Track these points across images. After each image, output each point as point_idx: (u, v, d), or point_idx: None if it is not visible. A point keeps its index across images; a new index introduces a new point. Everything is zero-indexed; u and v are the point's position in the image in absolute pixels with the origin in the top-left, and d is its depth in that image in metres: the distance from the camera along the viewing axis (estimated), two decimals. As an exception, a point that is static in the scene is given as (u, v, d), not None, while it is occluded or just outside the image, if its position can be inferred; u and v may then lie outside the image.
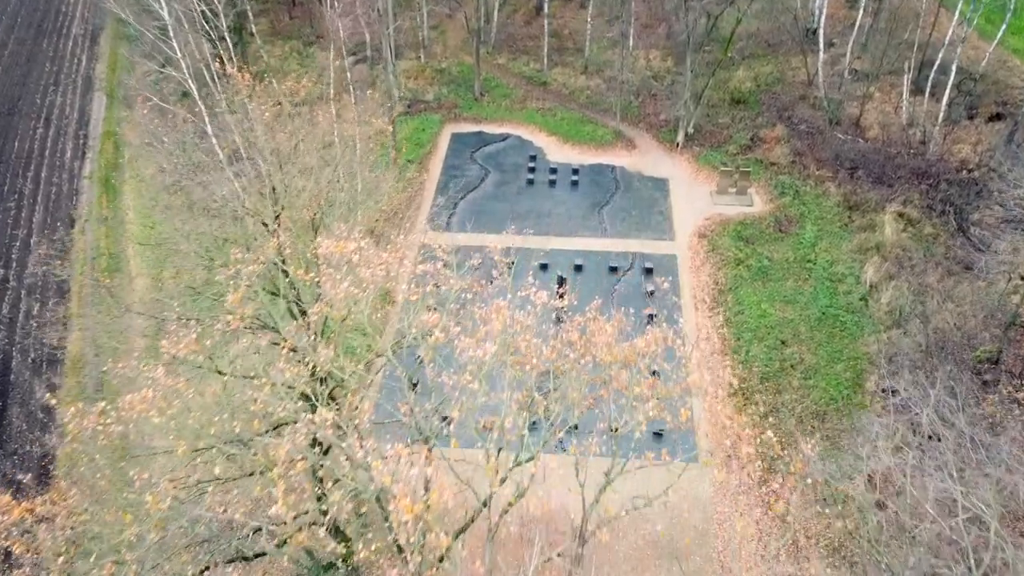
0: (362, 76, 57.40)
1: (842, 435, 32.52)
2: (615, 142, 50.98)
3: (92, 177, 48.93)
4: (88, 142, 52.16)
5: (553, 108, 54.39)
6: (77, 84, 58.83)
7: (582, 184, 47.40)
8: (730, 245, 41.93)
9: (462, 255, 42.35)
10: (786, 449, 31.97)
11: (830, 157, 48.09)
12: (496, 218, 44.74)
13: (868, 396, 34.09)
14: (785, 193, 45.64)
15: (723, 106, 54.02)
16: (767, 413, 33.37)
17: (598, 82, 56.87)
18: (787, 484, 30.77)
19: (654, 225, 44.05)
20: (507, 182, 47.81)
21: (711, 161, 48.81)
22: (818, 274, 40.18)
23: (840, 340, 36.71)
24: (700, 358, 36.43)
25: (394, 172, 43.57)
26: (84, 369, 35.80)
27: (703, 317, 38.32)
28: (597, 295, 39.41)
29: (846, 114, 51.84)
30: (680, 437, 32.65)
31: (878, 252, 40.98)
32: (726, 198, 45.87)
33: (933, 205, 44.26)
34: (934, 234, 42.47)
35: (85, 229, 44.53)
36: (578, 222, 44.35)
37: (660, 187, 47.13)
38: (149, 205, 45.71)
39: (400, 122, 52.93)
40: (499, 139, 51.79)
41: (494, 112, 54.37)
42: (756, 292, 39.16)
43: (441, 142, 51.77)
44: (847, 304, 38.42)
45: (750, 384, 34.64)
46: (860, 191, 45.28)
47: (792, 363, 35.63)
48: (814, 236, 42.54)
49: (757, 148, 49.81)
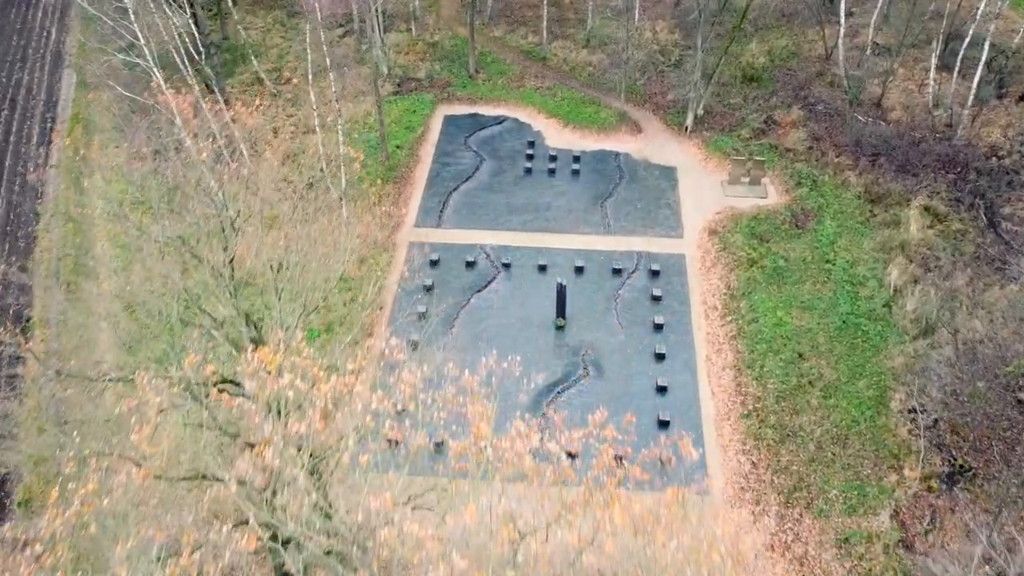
0: (348, 51, 53.70)
1: (865, 463, 30.02)
2: (619, 125, 47.59)
3: (59, 166, 45.72)
4: (55, 126, 48.78)
5: (553, 87, 50.84)
6: (46, 60, 55.13)
7: (584, 173, 44.19)
8: (743, 243, 38.94)
9: (454, 254, 39.58)
10: (804, 480, 29.49)
11: (850, 142, 44.78)
12: (491, 212, 41.67)
13: (893, 417, 31.49)
14: (802, 183, 42.46)
15: (735, 84, 50.45)
16: (783, 438, 30.80)
17: (601, 57, 53.15)
18: (805, 521, 28.35)
19: (661, 220, 40.99)
20: (503, 171, 44.59)
21: (722, 147, 45.50)
22: (838, 276, 37.28)
23: (862, 352, 34.00)
24: (711, 371, 33.80)
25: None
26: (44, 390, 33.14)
27: (714, 326, 35.54)
28: (599, 302, 36.83)
29: (867, 93, 48.32)
30: (690, 465, 30.10)
31: (902, 251, 38.02)
32: (738, 189, 42.71)
33: (961, 197, 41.16)
34: (962, 230, 39.46)
35: (51, 226, 41.52)
36: (579, 216, 41.28)
37: (667, 176, 43.93)
38: (119, 200, 42.61)
39: (389, 103, 49.46)
40: (495, 122, 48.39)
41: (490, 91, 50.84)
42: (771, 297, 36.31)
43: (433, 125, 48.38)
44: (869, 311, 35.60)
45: (765, 404, 32.02)
46: (882, 181, 42.09)
47: (810, 379, 32.96)
48: (833, 232, 39.52)
49: (771, 132, 46.45)
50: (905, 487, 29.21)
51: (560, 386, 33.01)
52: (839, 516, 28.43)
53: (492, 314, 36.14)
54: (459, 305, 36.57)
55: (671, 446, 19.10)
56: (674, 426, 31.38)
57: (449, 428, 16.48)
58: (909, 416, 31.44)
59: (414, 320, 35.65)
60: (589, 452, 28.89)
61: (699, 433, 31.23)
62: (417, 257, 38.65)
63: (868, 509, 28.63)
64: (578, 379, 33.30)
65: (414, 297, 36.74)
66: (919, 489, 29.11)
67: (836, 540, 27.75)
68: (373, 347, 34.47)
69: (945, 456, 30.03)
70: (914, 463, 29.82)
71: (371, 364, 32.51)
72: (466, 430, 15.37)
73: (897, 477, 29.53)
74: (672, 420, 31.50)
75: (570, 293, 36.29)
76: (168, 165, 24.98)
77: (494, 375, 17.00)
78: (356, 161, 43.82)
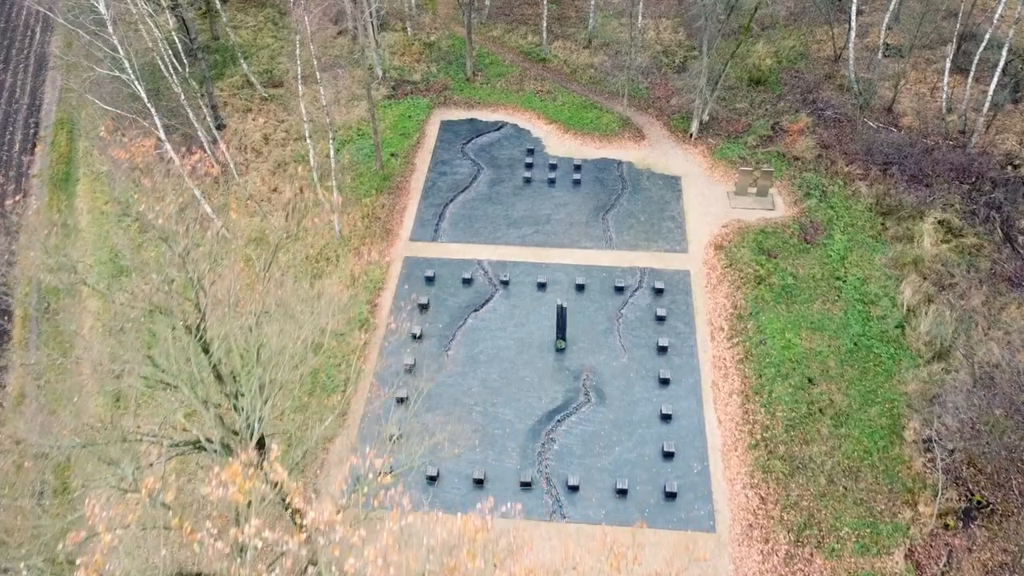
0: (342, 52, 52.07)
1: (878, 497, 28.78)
2: (621, 131, 46.04)
3: (43, 176, 44.24)
4: (39, 132, 47.26)
5: (553, 90, 49.22)
6: (30, 62, 53.51)
7: (585, 183, 42.70)
8: (750, 259, 37.52)
9: (450, 271, 38.13)
10: (815, 517, 28.27)
11: (860, 150, 43.25)
12: (489, 225, 40.22)
13: (907, 448, 30.22)
14: (810, 194, 40.98)
15: (740, 87, 48.84)
16: (793, 471, 29.54)
17: (603, 59, 51.53)
18: (816, 561, 27.14)
19: (665, 234, 39.55)
20: (502, 180, 43.09)
21: (728, 155, 43.98)
22: (849, 295, 35.91)
23: (874, 377, 32.69)
24: (717, 397, 32.51)
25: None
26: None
27: (721, 348, 34.21)
28: (601, 322, 35.36)
29: (877, 98, 46.72)
30: (696, 499, 28.92)
31: (916, 269, 36.62)
32: (745, 200, 41.24)
33: (976, 209, 39.69)
34: (977, 244, 38.02)
35: (32, 241, 40.07)
36: (580, 230, 39.83)
37: (672, 186, 42.43)
38: (104, 210, 41.19)
39: (384, 108, 47.91)
40: (493, 128, 46.83)
41: (488, 95, 49.23)
42: (780, 318, 34.96)
43: (429, 131, 46.83)
44: (881, 332, 34.25)
45: (774, 433, 30.74)
46: (894, 192, 40.61)
47: (821, 406, 31.67)
48: (843, 248, 38.10)
49: (779, 139, 44.91)
50: (920, 524, 27.99)
51: (560, 414, 31.70)
52: (851, 556, 27.23)
53: (490, 335, 34.80)
54: (455, 326, 35.22)
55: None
56: (679, 457, 30.14)
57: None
58: (924, 447, 30.20)
59: (408, 343, 34.37)
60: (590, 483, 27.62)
61: (704, 465, 30.00)
62: (411, 280, 37.27)
63: (881, 548, 27.42)
64: (579, 406, 31.99)
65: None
66: (935, 527, 27.89)
67: (849, 582, 26.56)
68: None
69: (962, 491, 28.77)
70: (929, 498, 28.59)
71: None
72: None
73: (912, 513, 28.30)
74: (677, 451, 30.24)
75: (571, 312, 34.97)
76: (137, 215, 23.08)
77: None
78: (348, 172, 42.43)
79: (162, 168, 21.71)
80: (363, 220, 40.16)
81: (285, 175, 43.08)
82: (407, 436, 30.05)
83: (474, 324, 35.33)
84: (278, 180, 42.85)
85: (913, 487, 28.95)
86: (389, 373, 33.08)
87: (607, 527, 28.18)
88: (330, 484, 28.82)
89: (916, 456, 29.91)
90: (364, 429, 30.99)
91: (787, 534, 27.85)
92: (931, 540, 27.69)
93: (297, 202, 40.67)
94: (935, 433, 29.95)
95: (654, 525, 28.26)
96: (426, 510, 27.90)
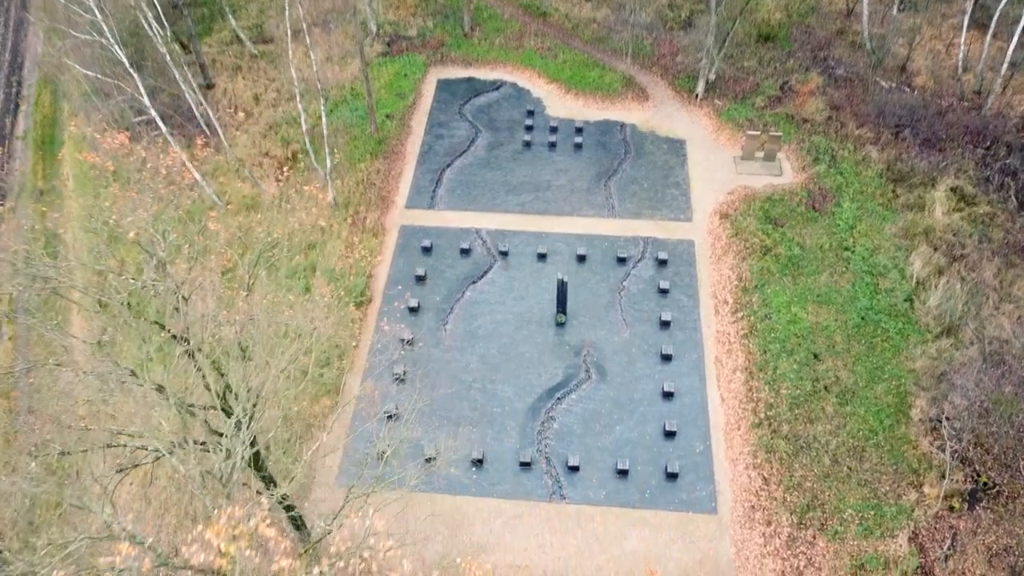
0: (335, 4, 50.06)
1: (883, 479, 28.34)
2: (625, 91, 44.42)
3: (26, 137, 42.81)
4: (22, 91, 45.64)
5: (554, 47, 47.37)
6: (11, 15, 51.44)
7: (587, 147, 41.32)
8: (756, 229, 36.46)
9: (448, 240, 37.11)
10: (819, 498, 27.86)
11: (872, 112, 41.75)
12: (488, 191, 39.02)
13: (913, 427, 29.68)
14: (819, 159, 39.66)
15: (749, 44, 47.00)
16: (797, 451, 29.04)
17: (606, 13, 49.54)
18: (819, 544, 26.81)
19: (669, 201, 38.39)
20: (501, 143, 41.70)
21: (735, 117, 42.48)
22: (857, 266, 34.96)
23: (881, 353, 31.97)
24: (720, 374, 31.86)
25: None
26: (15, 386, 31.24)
27: (725, 323, 33.41)
28: (602, 295, 34.50)
29: (891, 55, 44.98)
30: (698, 480, 28.50)
31: (926, 239, 35.62)
32: (752, 165, 39.95)
33: (990, 176, 38.45)
34: (990, 213, 36.92)
35: (16, 206, 38.96)
36: (582, 197, 38.64)
37: (676, 151, 41.07)
38: (92, 175, 39.90)
39: (378, 66, 46.17)
40: (492, 87, 45.19)
41: (486, 52, 47.41)
42: (785, 290, 34.08)
43: (425, 91, 45.20)
44: (890, 306, 33.42)
45: (778, 412, 30.15)
46: (906, 157, 39.30)
47: (826, 384, 31.02)
48: (852, 216, 36.99)
49: (788, 100, 43.33)
50: (925, 506, 27.60)
51: (560, 391, 31.07)
52: (854, 539, 26.89)
53: (488, 309, 33.97)
54: (453, 299, 34.37)
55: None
56: (681, 437, 29.63)
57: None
58: (930, 426, 29.65)
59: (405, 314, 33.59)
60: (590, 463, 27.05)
61: (707, 444, 29.50)
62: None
63: (885, 531, 27.07)
64: (580, 383, 31.35)
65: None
66: (940, 509, 27.50)
67: (851, 566, 26.27)
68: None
69: (968, 472, 28.31)
70: (935, 479, 28.15)
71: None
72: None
73: (916, 495, 27.88)
74: (679, 431, 29.70)
75: (572, 284, 34.10)
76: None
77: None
78: (342, 136, 41.01)
79: (138, 163, 20.45)
80: (358, 187, 38.94)
81: (277, 138, 41.66)
82: (403, 417, 29.56)
83: (472, 297, 34.46)
84: (270, 144, 41.44)
85: (919, 468, 28.49)
86: (386, 346, 32.34)
87: (607, 508, 27.82)
88: (327, 475, 28.36)
89: (922, 436, 29.38)
90: (361, 410, 30.37)
91: (790, 516, 27.48)
92: (935, 523, 27.33)
93: (289, 168, 39.43)
94: (941, 412, 29.38)
95: (654, 506, 27.88)
96: (424, 491, 27.62)
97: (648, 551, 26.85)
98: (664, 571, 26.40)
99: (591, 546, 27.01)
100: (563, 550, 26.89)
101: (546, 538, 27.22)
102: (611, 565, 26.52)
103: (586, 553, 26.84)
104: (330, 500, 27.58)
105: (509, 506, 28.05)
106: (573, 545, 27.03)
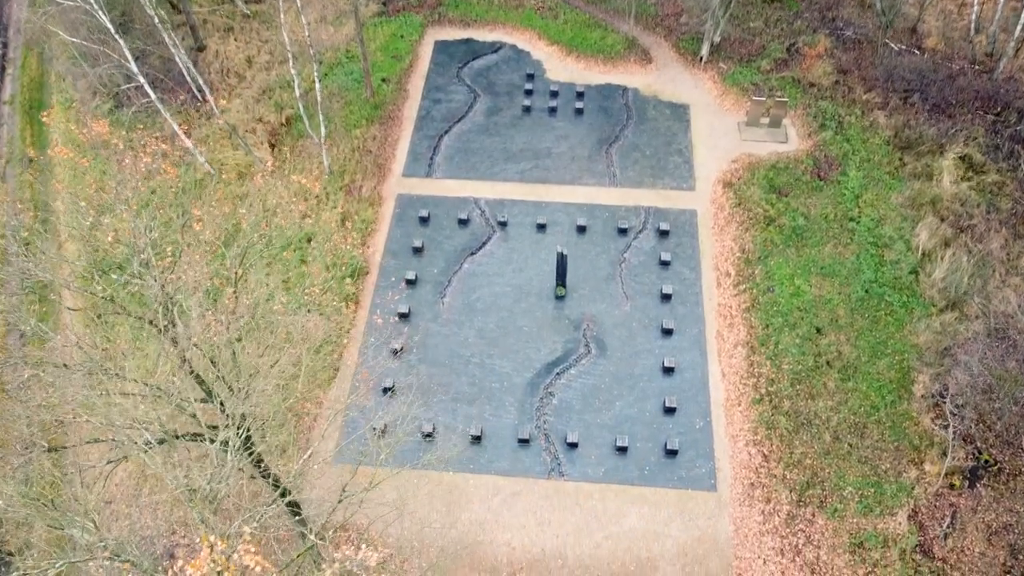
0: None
1: (883, 456, 28.19)
2: (627, 54, 43.21)
3: (14, 102, 41.78)
4: (8, 53, 44.41)
5: (555, 7, 45.97)
6: (-7, -28, 49.77)
7: (588, 112, 40.33)
8: (760, 198, 35.75)
9: (445, 210, 36.42)
10: (818, 475, 27.75)
11: (880, 76, 40.65)
12: (486, 159, 38.19)
13: (915, 403, 29.44)
14: (826, 126, 38.73)
15: (755, 4, 45.62)
16: (797, 427, 28.85)
17: (608, -30, 47.88)
18: (818, 521, 26.78)
19: (671, 170, 37.58)
20: (500, 109, 40.70)
21: (740, 81, 41.38)
22: (862, 237, 34.36)
23: (885, 327, 31.58)
24: (722, 348, 31.51)
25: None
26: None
27: (727, 296, 32.95)
28: (603, 267, 33.92)
29: (901, 16, 43.64)
30: (697, 456, 28.36)
31: (933, 209, 34.94)
32: (757, 132, 39.03)
33: (1000, 143, 37.58)
34: (999, 182, 36.17)
35: (5, 174, 38.17)
36: (583, 165, 37.84)
37: (680, 116, 40.10)
38: (79, 142, 39.01)
39: (373, 27, 44.86)
40: (491, 49, 43.96)
41: (485, 12, 46.02)
42: (789, 263, 33.54)
43: (422, 53, 43.98)
44: (894, 279, 32.92)
45: (779, 387, 29.89)
46: (914, 124, 38.38)
47: (828, 358, 30.70)
48: (858, 185, 36.25)
49: (794, 63, 42.16)
50: (925, 484, 27.51)
51: (560, 366, 30.76)
52: (854, 516, 26.86)
53: (487, 281, 33.48)
54: (451, 271, 33.84)
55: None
56: (681, 413, 29.41)
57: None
58: (933, 402, 29.40)
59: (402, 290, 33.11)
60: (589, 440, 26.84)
61: (707, 421, 29.30)
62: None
63: (885, 508, 27.02)
64: (579, 358, 31.02)
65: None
66: (940, 486, 27.41)
67: (850, 544, 26.27)
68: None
69: (970, 449, 28.15)
70: (936, 457, 28.01)
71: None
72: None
73: (917, 472, 27.77)
74: (679, 407, 29.47)
75: (572, 256, 33.56)
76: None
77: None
78: (337, 100, 40.01)
79: (118, 154, 19.72)
80: (353, 154, 38.09)
81: (270, 103, 40.64)
82: (399, 392, 29.29)
83: (470, 269, 33.94)
84: (263, 109, 40.44)
85: (920, 445, 28.33)
86: (384, 320, 31.94)
87: (606, 486, 27.73)
88: (324, 444, 28.18)
89: (924, 413, 29.16)
90: (357, 387, 30.09)
91: (789, 494, 27.41)
92: (935, 500, 27.26)
93: (283, 134, 38.54)
94: (945, 388, 29.11)
95: (653, 484, 27.78)
96: (423, 468, 27.48)
97: (647, 528, 26.84)
98: (662, 548, 26.42)
99: (589, 523, 26.99)
100: (561, 527, 26.87)
101: (545, 515, 27.18)
102: (609, 543, 26.53)
103: (584, 530, 26.83)
104: (327, 475, 27.47)
105: (507, 483, 27.95)
106: (572, 522, 27.01)
